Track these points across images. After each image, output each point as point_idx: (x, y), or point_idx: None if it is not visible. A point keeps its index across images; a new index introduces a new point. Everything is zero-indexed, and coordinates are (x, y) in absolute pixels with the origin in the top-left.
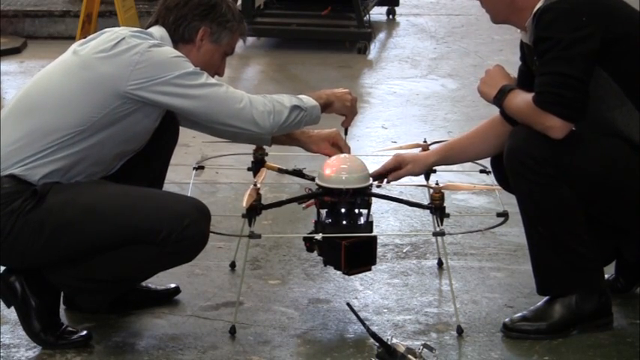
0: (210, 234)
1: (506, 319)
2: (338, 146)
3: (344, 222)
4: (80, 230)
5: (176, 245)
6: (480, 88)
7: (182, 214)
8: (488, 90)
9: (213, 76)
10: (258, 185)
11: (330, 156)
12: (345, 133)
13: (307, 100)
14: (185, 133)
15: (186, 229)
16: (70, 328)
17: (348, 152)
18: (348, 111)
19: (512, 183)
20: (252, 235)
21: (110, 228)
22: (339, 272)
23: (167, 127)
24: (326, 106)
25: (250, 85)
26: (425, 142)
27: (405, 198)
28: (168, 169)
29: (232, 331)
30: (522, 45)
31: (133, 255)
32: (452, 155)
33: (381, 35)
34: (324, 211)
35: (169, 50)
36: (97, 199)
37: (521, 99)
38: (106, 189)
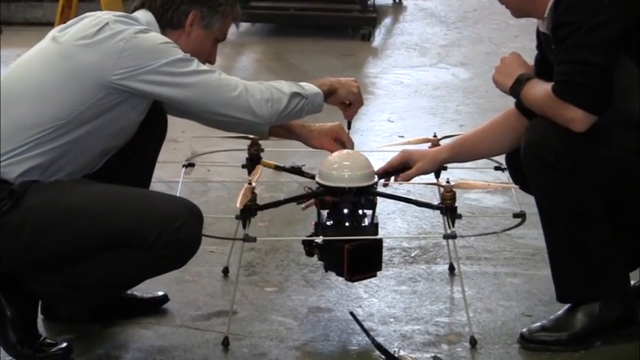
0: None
1: (524, 329)
2: (340, 141)
3: (347, 224)
4: (62, 233)
5: (166, 249)
6: (495, 77)
7: (173, 215)
8: (503, 80)
9: (204, 64)
10: (254, 184)
11: (331, 152)
12: (349, 127)
13: (309, 87)
14: (174, 128)
15: (178, 232)
16: (48, 340)
17: (352, 148)
18: (354, 99)
19: (530, 180)
20: (246, 238)
21: (94, 230)
22: (341, 278)
23: (154, 120)
24: (329, 94)
25: (245, 75)
26: (435, 136)
27: (413, 197)
28: (156, 166)
29: (225, 342)
30: (539, 33)
31: (119, 260)
32: (464, 151)
33: (387, 20)
34: (325, 212)
35: (157, 36)
36: (80, 199)
37: (540, 89)
38: (89, 188)
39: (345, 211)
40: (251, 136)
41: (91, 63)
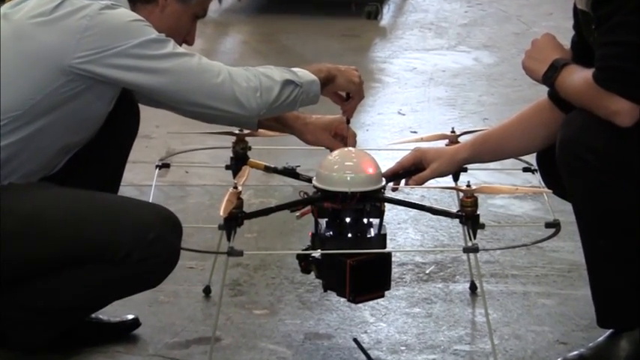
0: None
1: (559, 359)
2: (341, 137)
3: (349, 235)
4: (16, 246)
5: (139, 265)
6: (525, 63)
7: (146, 225)
8: (535, 65)
9: (180, 45)
10: (240, 188)
11: (331, 149)
12: (347, 123)
13: (303, 74)
14: (146, 121)
15: (152, 245)
16: None
17: (354, 145)
18: (354, 90)
19: (566, 184)
20: (231, 252)
21: (55, 243)
22: (343, 299)
23: (124, 112)
24: (327, 82)
25: (229, 60)
26: (453, 132)
27: (427, 204)
28: (125, 167)
29: None
30: (576, 11)
31: (84, 278)
32: (488, 149)
33: None
34: (323, 221)
35: (126, 13)
36: (38, 207)
37: (579, 77)
38: (49, 193)
39: (348, 220)
40: (236, 132)
41: (49, 44)
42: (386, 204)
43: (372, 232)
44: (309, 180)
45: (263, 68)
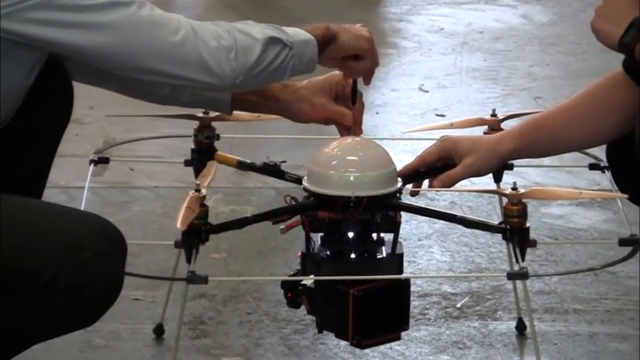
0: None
1: None
2: (344, 99)
3: (353, 255)
4: None
5: (67, 295)
6: (595, 23)
7: (78, 242)
8: (608, 27)
9: None
10: (204, 191)
11: (333, 120)
12: (353, 102)
13: (294, 32)
14: (77, 101)
15: (86, 268)
16: None
17: (360, 117)
18: (365, 49)
19: None
20: (192, 278)
21: None
22: (344, 343)
23: (52, 89)
24: (327, 42)
25: (189, 17)
26: (494, 115)
27: (459, 213)
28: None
29: None
30: None
31: None
32: (541, 139)
33: None
34: (318, 237)
35: None
36: None
37: None
38: None
39: (351, 234)
40: (200, 114)
41: None
42: (403, 213)
43: (384, 252)
44: (299, 180)
45: (240, 24)
